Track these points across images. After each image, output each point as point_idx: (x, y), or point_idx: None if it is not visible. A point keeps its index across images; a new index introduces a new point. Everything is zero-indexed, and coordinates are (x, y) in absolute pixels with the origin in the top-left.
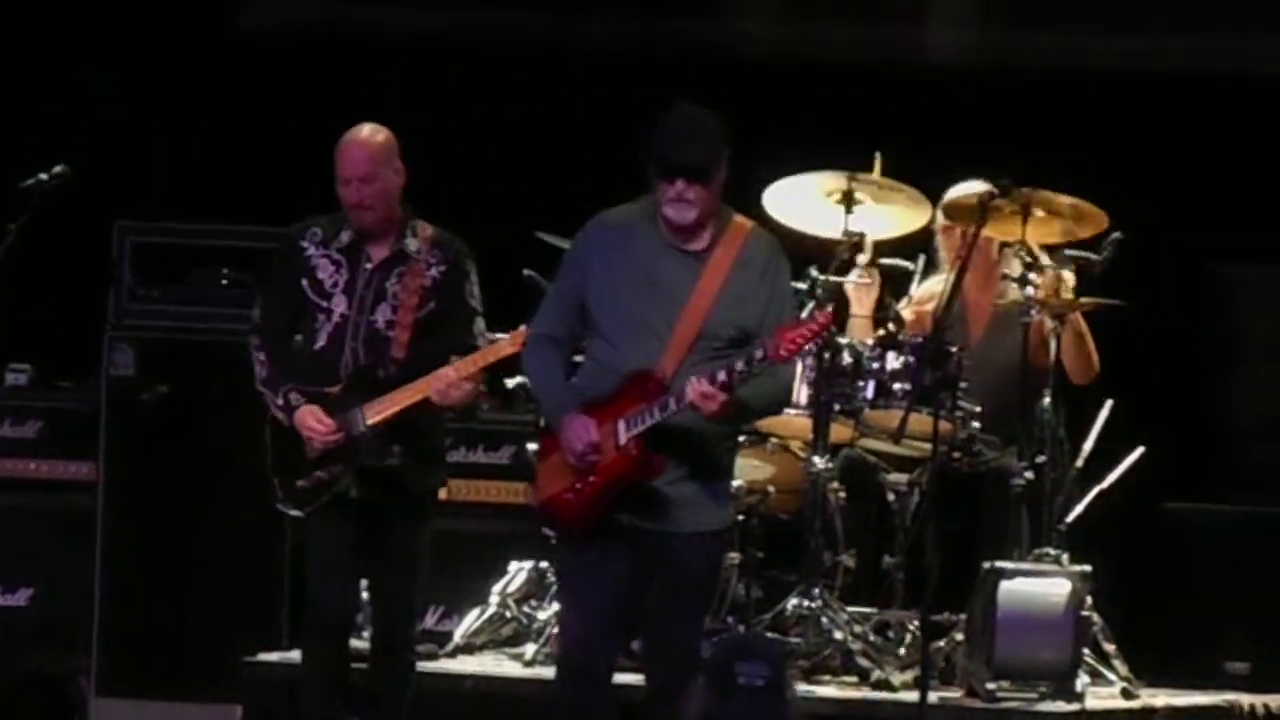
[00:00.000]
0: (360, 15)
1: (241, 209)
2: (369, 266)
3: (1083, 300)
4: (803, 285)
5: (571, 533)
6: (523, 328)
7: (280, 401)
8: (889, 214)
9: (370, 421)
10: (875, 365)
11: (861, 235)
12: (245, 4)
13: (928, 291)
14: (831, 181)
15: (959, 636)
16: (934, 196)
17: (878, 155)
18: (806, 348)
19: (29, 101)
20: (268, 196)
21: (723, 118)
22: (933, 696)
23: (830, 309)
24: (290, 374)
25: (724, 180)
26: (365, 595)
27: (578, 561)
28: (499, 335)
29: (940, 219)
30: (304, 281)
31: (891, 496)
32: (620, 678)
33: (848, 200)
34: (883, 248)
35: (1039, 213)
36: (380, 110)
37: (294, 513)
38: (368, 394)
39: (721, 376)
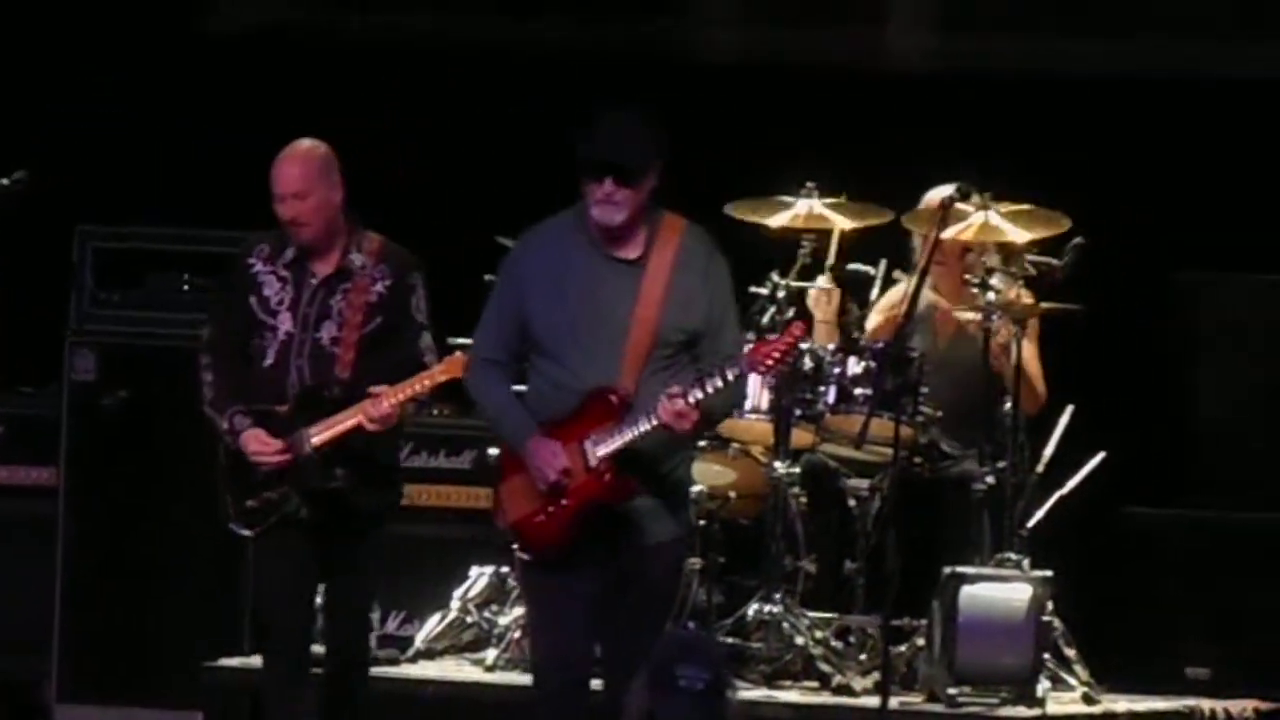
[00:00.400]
0: (327, 18)
1: (207, 212)
2: (313, 282)
3: (1043, 305)
4: (764, 290)
5: (545, 556)
6: (458, 354)
7: (225, 425)
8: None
9: (314, 443)
10: (836, 370)
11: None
12: (212, 6)
13: (899, 295)
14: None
15: (920, 642)
16: (895, 200)
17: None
18: (784, 364)
19: None
20: (234, 199)
21: (670, 122)
22: (894, 702)
23: (801, 322)
24: (239, 394)
25: (653, 186)
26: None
27: (548, 582)
28: (463, 340)
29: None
30: (252, 299)
31: (853, 502)
32: None
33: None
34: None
35: (999, 217)
36: (344, 114)
37: (244, 532)
38: (315, 414)
39: (696, 394)
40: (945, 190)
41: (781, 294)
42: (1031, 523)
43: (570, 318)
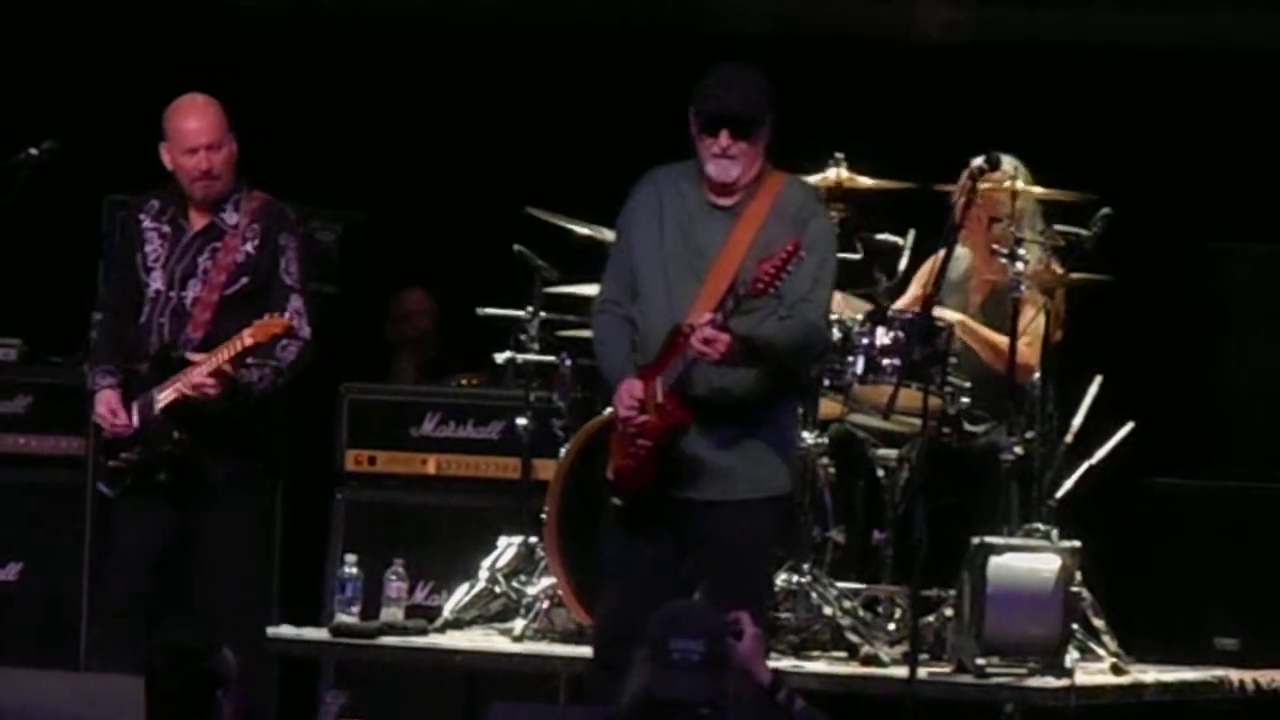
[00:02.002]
0: None
1: None
2: (184, 240)
3: (1072, 275)
4: None
5: (631, 501)
6: (268, 317)
7: (90, 384)
8: None
9: (160, 405)
10: (865, 340)
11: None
12: None
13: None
14: None
15: (948, 612)
16: (921, 170)
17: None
18: (780, 277)
19: (19, 75)
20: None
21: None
22: (922, 672)
23: (799, 238)
24: (116, 351)
25: (768, 141)
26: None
27: (622, 540)
28: (494, 311)
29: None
30: (138, 257)
31: (881, 472)
32: (581, 650)
33: None
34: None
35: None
36: (375, 89)
37: (107, 491)
38: (166, 374)
39: (716, 316)
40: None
41: None
42: (1060, 493)
43: (662, 259)
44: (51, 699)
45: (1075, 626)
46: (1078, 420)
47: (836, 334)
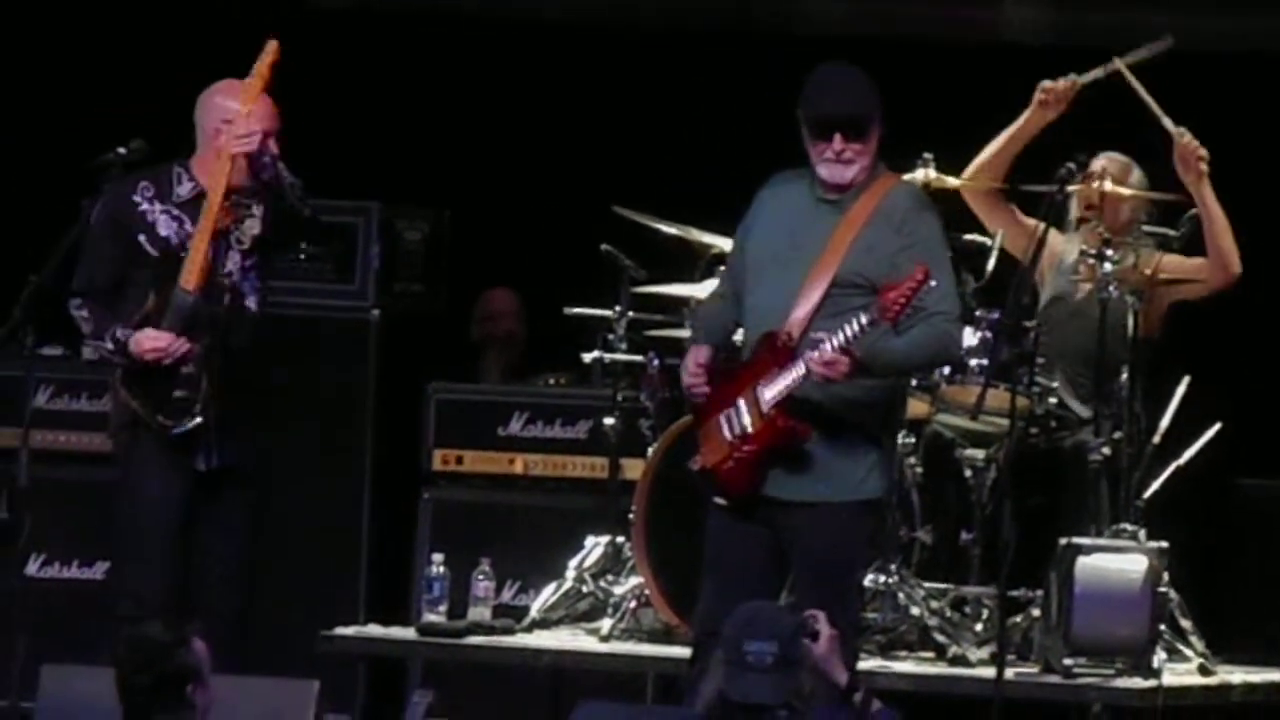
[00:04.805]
0: None
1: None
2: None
3: (1162, 277)
4: None
5: (737, 502)
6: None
7: (111, 346)
8: None
9: (191, 285)
10: None
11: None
12: None
13: (1063, 245)
14: None
15: (1036, 612)
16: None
17: None
18: (909, 306)
19: (101, 77)
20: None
21: (775, 96)
22: (1009, 672)
23: (925, 265)
24: (116, 323)
25: (881, 138)
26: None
27: (729, 529)
28: (579, 310)
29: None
30: (142, 238)
31: (968, 472)
32: (668, 650)
33: None
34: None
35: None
36: (461, 87)
37: (185, 425)
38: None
39: (839, 341)
40: (1111, 156)
41: None
42: (1147, 493)
43: (770, 253)
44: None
45: (1162, 627)
46: (1165, 421)
47: None
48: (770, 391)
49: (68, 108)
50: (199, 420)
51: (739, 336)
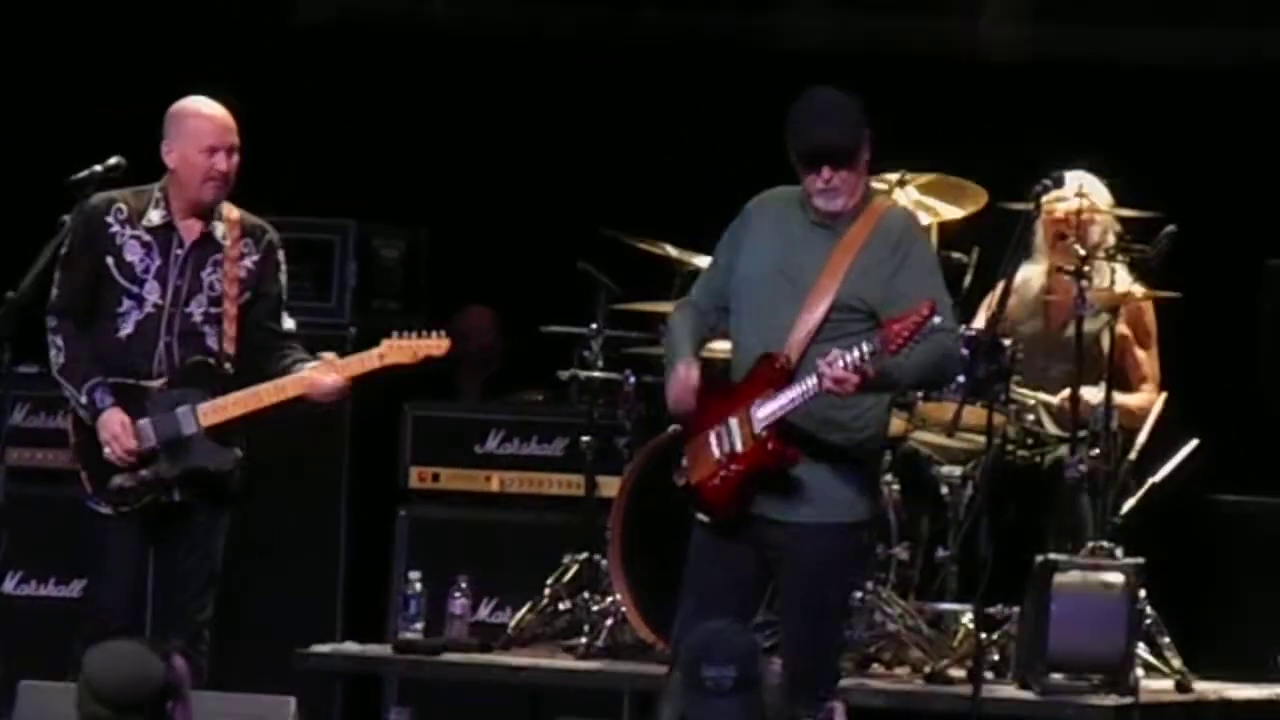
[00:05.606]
0: (411, 6)
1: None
2: (179, 253)
3: (1139, 293)
4: None
5: (720, 520)
6: (392, 338)
7: (84, 400)
8: None
9: (207, 422)
10: None
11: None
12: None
13: (1021, 278)
14: None
15: (1012, 629)
16: (985, 188)
17: None
18: (914, 339)
19: (80, 94)
20: (319, 186)
21: (762, 112)
22: (986, 689)
23: (930, 300)
24: (93, 363)
25: (868, 160)
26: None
27: (711, 547)
28: (558, 329)
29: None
30: (109, 261)
31: (945, 489)
32: (645, 667)
33: None
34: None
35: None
36: (438, 105)
37: (105, 510)
38: (199, 389)
39: (852, 358)
40: (1081, 174)
41: None
42: (1124, 510)
43: (762, 274)
44: None
45: (1139, 644)
46: (1142, 438)
47: None
48: (764, 411)
49: (48, 123)
50: (143, 502)
51: (717, 346)
